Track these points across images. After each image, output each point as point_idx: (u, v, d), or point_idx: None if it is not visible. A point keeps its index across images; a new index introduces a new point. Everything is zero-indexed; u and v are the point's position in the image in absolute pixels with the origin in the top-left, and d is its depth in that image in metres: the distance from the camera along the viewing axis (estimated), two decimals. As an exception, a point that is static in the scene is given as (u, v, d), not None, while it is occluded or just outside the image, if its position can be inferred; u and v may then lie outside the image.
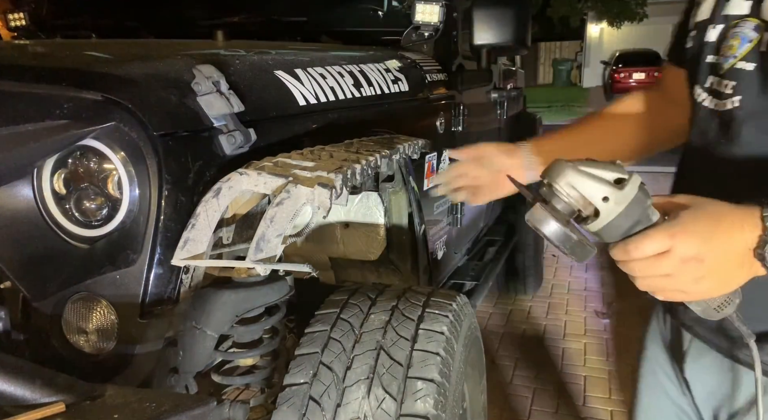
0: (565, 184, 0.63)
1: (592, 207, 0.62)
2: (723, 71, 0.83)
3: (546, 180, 0.65)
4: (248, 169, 0.92)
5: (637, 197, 0.62)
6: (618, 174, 0.62)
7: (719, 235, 0.63)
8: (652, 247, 0.62)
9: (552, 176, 0.64)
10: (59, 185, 0.93)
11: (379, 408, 0.93)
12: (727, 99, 0.81)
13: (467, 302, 1.24)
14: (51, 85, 0.93)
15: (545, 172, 0.65)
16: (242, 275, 1.01)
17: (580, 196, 0.62)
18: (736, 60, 0.80)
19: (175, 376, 0.95)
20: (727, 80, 0.82)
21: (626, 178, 0.62)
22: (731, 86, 0.81)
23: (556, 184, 0.63)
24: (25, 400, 0.67)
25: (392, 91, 1.57)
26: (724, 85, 0.82)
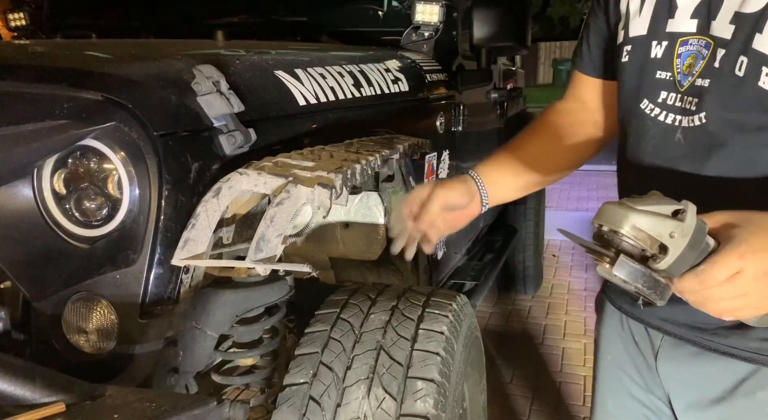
0: (631, 227, 0.61)
1: (658, 245, 0.61)
2: (683, 88, 0.84)
3: (606, 227, 0.63)
4: (248, 169, 0.92)
5: (698, 225, 0.61)
6: (673, 205, 0.62)
7: None
8: (725, 272, 0.61)
9: (614, 222, 0.62)
10: (59, 185, 0.93)
11: (379, 408, 0.93)
12: (694, 115, 0.83)
13: (467, 302, 1.24)
14: (51, 85, 0.93)
15: (601, 218, 0.64)
16: (242, 275, 1.01)
17: (648, 236, 0.61)
18: (695, 77, 0.82)
19: (175, 376, 0.96)
20: (690, 96, 0.83)
21: (683, 209, 0.61)
22: (695, 103, 0.83)
23: (622, 230, 0.61)
24: (25, 400, 0.67)
25: (392, 91, 1.57)
26: (688, 102, 0.84)
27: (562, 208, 5.78)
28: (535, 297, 3.59)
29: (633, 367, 1.00)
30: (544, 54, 25.72)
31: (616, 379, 1.04)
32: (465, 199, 1.03)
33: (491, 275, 2.55)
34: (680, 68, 0.85)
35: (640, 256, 0.62)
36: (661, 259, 0.61)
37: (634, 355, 1.00)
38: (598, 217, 0.64)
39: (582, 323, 3.26)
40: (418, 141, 1.38)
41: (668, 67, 0.86)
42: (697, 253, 0.62)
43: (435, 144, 1.63)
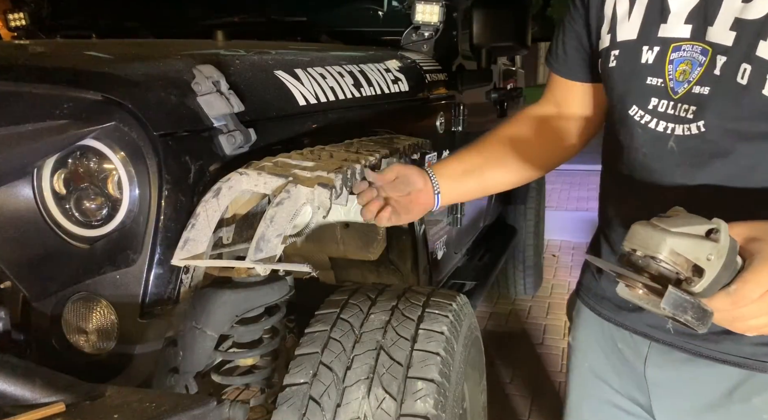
0: (670, 253, 0.58)
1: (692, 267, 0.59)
2: (678, 95, 0.82)
3: (641, 251, 0.60)
4: (248, 169, 0.92)
5: (732, 244, 0.59)
6: (705, 225, 0.59)
7: None
8: (758, 290, 0.59)
9: (650, 247, 0.59)
10: (59, 185, 0.93)
11: (379, 408, 0.93)
12: (690, 123, 0.81)
13: (467, 302, 1.24)
14: (51, 85, 0.93)
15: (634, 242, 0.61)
16: (242, 275, 1.01)
17: (685, 260, 0.58)
18: (692, 84, 0.80)
19: (175, 376, 0.96)
20: (686, 104, 0.81)
21: (716, 228, 0.58)
22: (692, 111, 0.80)
23: (661, 255, 0.58)
24: (25, 400, 0.67)
25: (392, 91, 1.57)
26: (684, 110, 0.81)
27: (562, 208, 5.78)
28: (535, 297, 3.59)
29: (614, 374, 0.98)
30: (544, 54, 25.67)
31: (593, 386, 1.02)
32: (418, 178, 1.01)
33: (491, 275, 2.55)
34: (672, 75, 0.83)
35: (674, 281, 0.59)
36: (696, 283, 0.59)
37: (616, 361, 0.98)
38: (631, 241, 0.61)
39: (582, 323, 3.25)
40: (418, 141, 1.38)
41: (660, 74, 0.84)
42: (729, 273, 0.59)
43: (435, 144, 1.62)
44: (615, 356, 0.98)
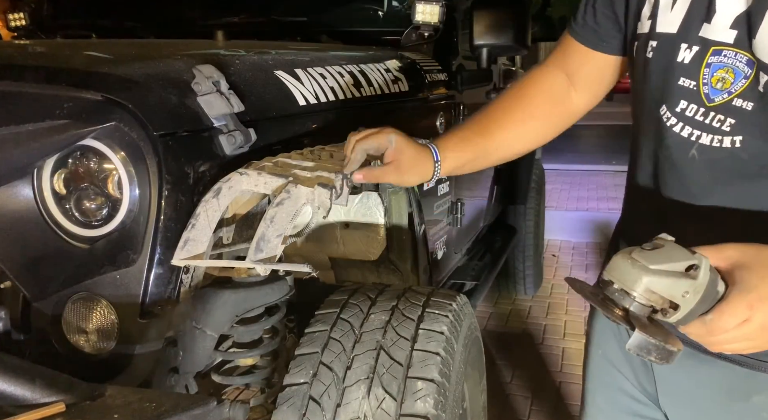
0: (645, 290, 0.60)
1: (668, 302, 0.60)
2: (713, 104, 0.77)
3: (618, 285, 0.62)
4: (248, 169, 0.92)
5: (711, 279, 0.60)
6: (686, 261, 0.60)
7: None
8: (732, 321, 0.60)
9: (626, 283, 0.61)
10: (59, 185, 0.93)
11: (379, 408, 0.93)
12: (724, 136, 0.76)
13: (467, 302, 1.24)
14: (51, 85, 0.93)
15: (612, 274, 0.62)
16: (242, 275, 1.01)
17: (660, 297, 0.60)
18: (733, 96, 0.75)
19: (175, 376, 0.96)
20: (722, 115, 0.76)
21: (697, 264, 0.59)
22: (729, 123, 0.76)
23: (635, 292, 0.60)
24: (25, 400, 0.67)
25: (392, 91, 1.57)
26: (718, 120, 0.77)
27: (562, 208, 5.78)
28: (535, 297, 3.59)
29: (626, 364, 0.98)
30: (544, 54, 25.61)
31: (606, 373, 1.02)
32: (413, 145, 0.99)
33: (491, 275, 2.55)
34: (708, 79, 0.77)
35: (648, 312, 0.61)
36: (671, 315, 0.61)
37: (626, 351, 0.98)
38: (610, 273, 0.62)
39: (582, 323, 3.26)
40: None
41: (694, 76, 0.78)
42: (708, 303, 0.61)
43: (435, 144, 1.62)
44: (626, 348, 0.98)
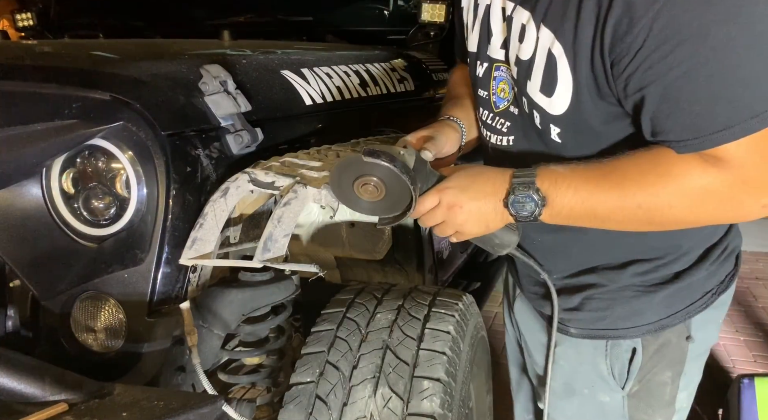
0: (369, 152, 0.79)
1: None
2: (499, 110, 0.93)
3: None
4: (256, 169, 0.92)
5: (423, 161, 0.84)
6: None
7: (474, 187, 0.82)
8: (427, 204, 0.83)
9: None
10: (68, 184, 0.93)
11: (385, 407, 0.93)
12: (504, 136, 0.93)
13: (473, 302, 1.24)
14: (59, 85, 0.94)
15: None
16: (249, 274, 1.01)
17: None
18: (509, 103, 0.90)
19: (182, 374, 0.96)
20: (502, 119, 0.93)
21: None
22: (507, 126, 0.92)
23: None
24: (34, 398, 0.67)
25: (398, 91, 1.57)
26: (500, 123, 0.93)
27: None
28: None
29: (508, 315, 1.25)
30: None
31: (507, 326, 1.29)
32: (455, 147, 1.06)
33: (497, 275, 2.54)
34: (495, 90, 0.92)
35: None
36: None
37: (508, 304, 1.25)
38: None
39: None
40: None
41: (486, 87, 0.94)
42: (424, 179, 0.83)
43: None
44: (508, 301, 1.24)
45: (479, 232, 0.85)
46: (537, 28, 0.79)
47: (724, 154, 0.68)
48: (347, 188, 0.82)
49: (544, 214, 0.79)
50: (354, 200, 0.83)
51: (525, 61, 0.82)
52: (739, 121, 0.65)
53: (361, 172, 0.79)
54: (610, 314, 0.94)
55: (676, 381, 0.97)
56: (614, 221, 0.78)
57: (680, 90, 0.67)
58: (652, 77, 0.68)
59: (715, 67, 0.65)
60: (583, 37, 0.72)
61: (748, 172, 0.68)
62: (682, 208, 0.73)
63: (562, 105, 0.79)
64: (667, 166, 0.72)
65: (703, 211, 0.73)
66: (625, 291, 0.93)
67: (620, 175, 0.75)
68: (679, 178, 0.72)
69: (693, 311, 0.93)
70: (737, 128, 0.66)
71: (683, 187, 0.72)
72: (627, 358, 0.96)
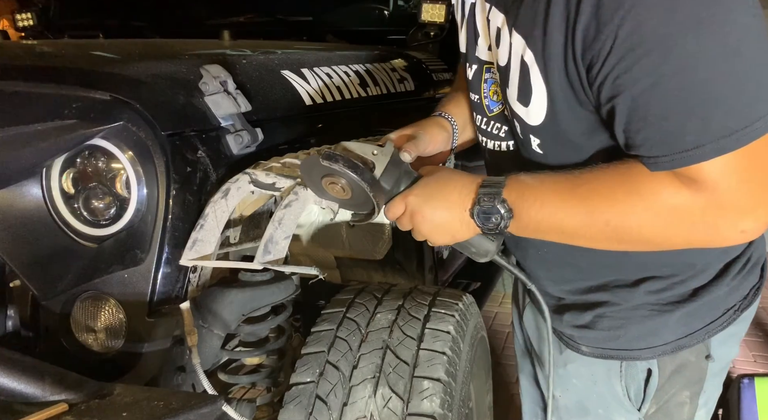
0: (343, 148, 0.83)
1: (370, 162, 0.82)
2: (493, 114, 0.88)
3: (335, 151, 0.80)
4: (256, 170, 0.92)
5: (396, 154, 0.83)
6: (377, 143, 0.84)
7: (439, 195, 0.79)
8: (394, 210, 0.82)
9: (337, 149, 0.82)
10: (68, 184, 0.93)
11: (385, 407, 0.93)
12: (502, 142, 0.89)
13: (473, 302, 1.24)
14: (59, 85, 0.94)
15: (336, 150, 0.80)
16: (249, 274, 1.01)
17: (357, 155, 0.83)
18: (504, 107, 0.85)
19: (182, 374, 0.96)
20: (498, 123, 0.88)
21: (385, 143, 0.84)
22: (504, 130, 0.88)
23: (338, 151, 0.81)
24: (35, 398, 0.67)
25: (398, 91, 1.57)
26: (497, 128, 0.89)
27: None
28: (541, 297, 3.57)
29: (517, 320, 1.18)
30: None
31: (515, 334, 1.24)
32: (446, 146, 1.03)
33: (497, 275, 2.54)
34: (487, 93, 0.88)
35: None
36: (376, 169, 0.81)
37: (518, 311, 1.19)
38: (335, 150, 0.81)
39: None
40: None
41: (477, 90, 0.89)
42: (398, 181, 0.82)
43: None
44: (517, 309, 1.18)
45: (445, 241, 0.82)
46: (510, 33, 0.74)
47: (697, 175, 0.63)
48: (318, 183, 0.82)
49: (511, 226, 0.76)
50: (325, 195, 0.85)
51: (503, 67, 0.78)
52: (711, 139, 0.60)
53: (325, 173, 0.79)
54: (624, 334, 0.89)
55: (695, 400, 0.92)
56: (583, 238, 0.73)
57: (648, 104, 0.62)
58: (620, 88, 0.63)
59: (684, 81, 0.60)
60: (553, 45, 0.68)
61: (723, 196, 0.63)
62: (651, 228, 0.68)
63: (539, 115, 0.75)
64: (637, 184, 0.67)
65: (675, 233, 0.68)
66: (639, 310, 0.87)
67: (589, 190, 0.71)
68: (649, 197, 0.67)
69: (713, 330, 0.86)
70: (709, 147, 0.60)
71: (653, 207, 0.67)
72: (642, 379, 0.91)
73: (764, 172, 0.63)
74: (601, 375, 0.94)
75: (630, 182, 0.68)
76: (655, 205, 0.67)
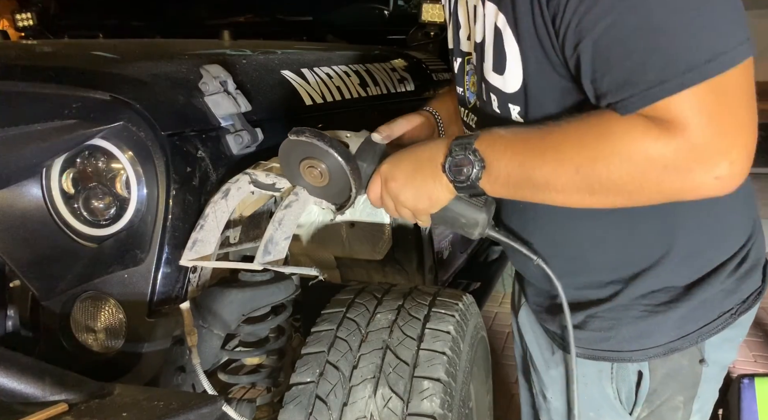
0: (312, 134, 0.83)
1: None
2: (470, 106, 0.89)
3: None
4: (257, 170, 0.92)
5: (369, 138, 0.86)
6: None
7: (411, 157, 0.80)
8: (374, 185, 0.82)
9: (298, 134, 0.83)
10: (68, 185, 0.93)
11: (385, 407, 0.93)
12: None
13: (473, 302, 1.24)
14: (59, 85, 0.94)
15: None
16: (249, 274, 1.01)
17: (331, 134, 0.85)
18: (476, 99, 0.86)
19: (182, 374, 0.96)
20: (473, 114, 0.90)
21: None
22: (475, 121, 0.89)
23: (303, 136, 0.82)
24: (34, 398, 0.67)
25: (398, 91, 1.57)
26: (472, 119, 0.90)
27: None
28: (541, 297, 3.57)
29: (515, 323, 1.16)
30: (550, 53, 25.47)
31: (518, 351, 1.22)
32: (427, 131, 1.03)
33: (497, 275, 2.54)
34: (468, 85, 0.89)
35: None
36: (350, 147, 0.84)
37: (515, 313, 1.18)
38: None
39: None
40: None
41: (461, 83, 0.91)
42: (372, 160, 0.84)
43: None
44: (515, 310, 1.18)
45: (425, 206, 0.80)
46: (483, 4, 0.75)
47: (665, 114, 0.61)
48: (295, 168, 0.84)
49: (483, 179, 0.74)
50: (302, 182, 0.86)
51: (479, 43, 0.79)
52: (674, 74, 0.59)
53: (305, 154, 0.80)
54: (615, 335, 0.87)
55: (689, 405, 0.90)
56: (554, 190, 0.71)
57: (609, 46, 0.62)
58: (582, 34, 0.63)
59: (642, 16, 0.59)
60: (521, 2, 0.69)
61: (695, 135, 0.61)
62: (621, 173, 0.65)
63: (515, 81, 0.75)
64: (607, 128, 0.66)
65: (647, 179, 0.65)
66: (631, 310, 0.86)
67: (560, 138, 0.69)
68: (618, 140, 0.65)
69: (706, 333, 0.85)
70: (673, 82, 0.59)
71: (622, 150, 0.65)
72: (634, 382, 0.90)
73: (735, 111, 0.61)
74: (592, 377, 0.93)
75: (600, 127, 0.67)
76: (625, 148, 0.65)
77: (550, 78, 0.72)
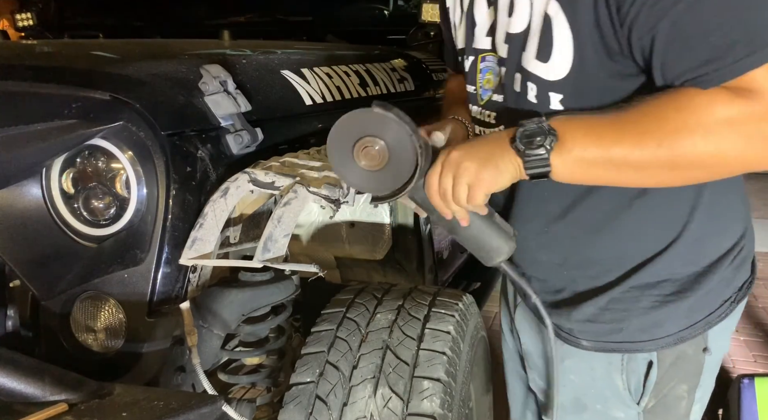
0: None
1: None
2: (483, 102, 0.91)
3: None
4: (256, 169, 0.92)
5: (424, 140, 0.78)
6: None
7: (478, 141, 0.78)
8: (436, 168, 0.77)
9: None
10: (68, 184, 0.93)
11: (385, 407, 0.93)
12: (494, 128, 0.90)
13: (473, 302, 1.24)
14: (59, 85, 0.94)
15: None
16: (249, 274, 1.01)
17: None
18: (493, 93, 0.88)
19: (182, 374, 0.96)
20: (488, 110, 0.91)
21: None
22: (493, 116, 0.90)
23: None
24: (34, 398, 0.67)
25: (398, 91, 1.57)
26: (487, 116, 0.91)
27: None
28: (541, 297, 3.56)
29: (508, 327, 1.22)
30: (550, 53, 25.48)
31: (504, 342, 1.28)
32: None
33: (497, 275, 2.54)
34: (481, 82, 0.90)
35: None
36: None
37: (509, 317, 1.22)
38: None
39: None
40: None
41: (473, 81, 0.92)
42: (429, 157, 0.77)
43: (441, 143, 1.62)
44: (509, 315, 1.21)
45: (489, 175, 0.75)
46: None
47: (750, 84, 0.63)
48: (347, 150, 0.74)
49: (555, 151, 0.71)
50: (350, 166, 0.75)
51: (518, 34, 0.79)
52: (761, 46, 0.61)
53: (366, 132, 0.72)
54: (627, 326, 0.89)
55: (692, 394, 0.93)
56: (633, 167, 0.70)
57: (690, 24, 0.63)
58: (659, 14, 0.64)
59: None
60: None
61: None
62: (706, 144, 0.65)
63: (562, 68, 0.74)
64: (688, 101, 0.66)
65: (731, 148, 0.66)
66: (642, 301, 0.88)
67: (637, 113, 0.69)
68: (701, 112, 0.65)
69: (713, 321, 0.88)
70: (760, 54, 0.62)
71: (707, 122, 0.65)
72: (643, 372, 0.92)
73: None
74: (600, 370, 0.94)
75: (679, 102, 0.67)
76: (709, 119, 0.65)
77: (601, 64, 0.72)
